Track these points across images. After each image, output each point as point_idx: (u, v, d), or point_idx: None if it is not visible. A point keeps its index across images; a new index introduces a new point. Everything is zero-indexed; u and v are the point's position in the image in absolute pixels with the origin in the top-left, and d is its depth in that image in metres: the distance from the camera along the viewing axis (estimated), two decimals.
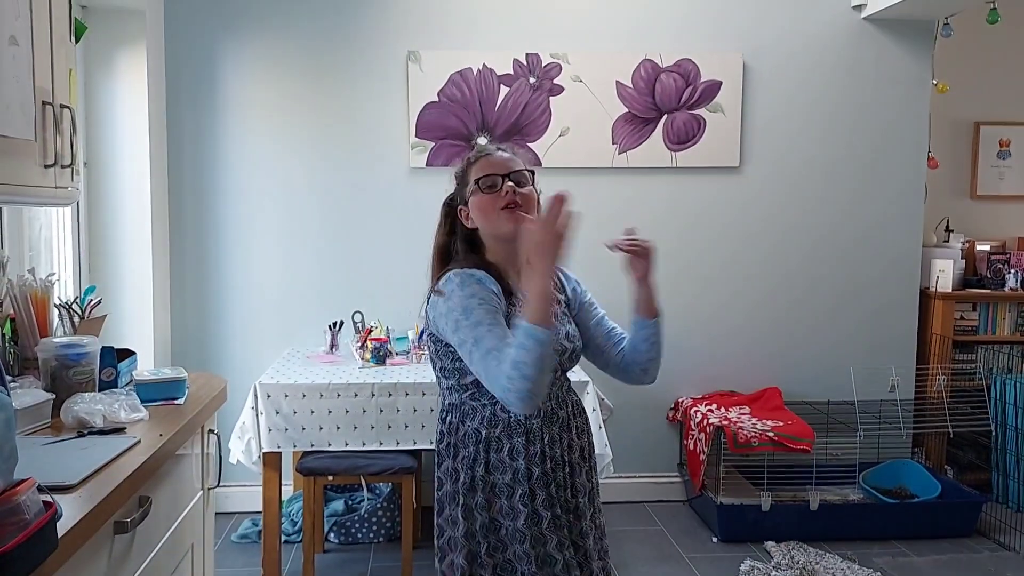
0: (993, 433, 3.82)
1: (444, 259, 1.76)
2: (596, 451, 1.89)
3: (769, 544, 3.37)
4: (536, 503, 1.63)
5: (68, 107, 1.90)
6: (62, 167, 1.87)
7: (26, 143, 1.71)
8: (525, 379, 1.43)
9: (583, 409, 1.81)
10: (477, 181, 1.68)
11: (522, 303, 1.53)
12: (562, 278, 1.81)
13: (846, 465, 3.70)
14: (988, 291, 4.03)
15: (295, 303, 3.72)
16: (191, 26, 3.57)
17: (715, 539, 3.48)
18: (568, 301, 1.81)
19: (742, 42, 3.79)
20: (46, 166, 1.80)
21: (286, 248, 3.71)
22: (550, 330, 1.44)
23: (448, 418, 1.70)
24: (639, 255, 1.73)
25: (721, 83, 3.76)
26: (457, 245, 1.74)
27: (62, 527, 1.21)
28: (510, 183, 1.65)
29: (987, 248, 4.20)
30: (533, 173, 1.72)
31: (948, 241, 4.20)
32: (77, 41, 2.58)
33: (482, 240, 1.71)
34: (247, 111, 3.64)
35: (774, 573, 3.05)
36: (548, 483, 1.64)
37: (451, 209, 1.76)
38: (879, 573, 3.15)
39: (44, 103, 1.78)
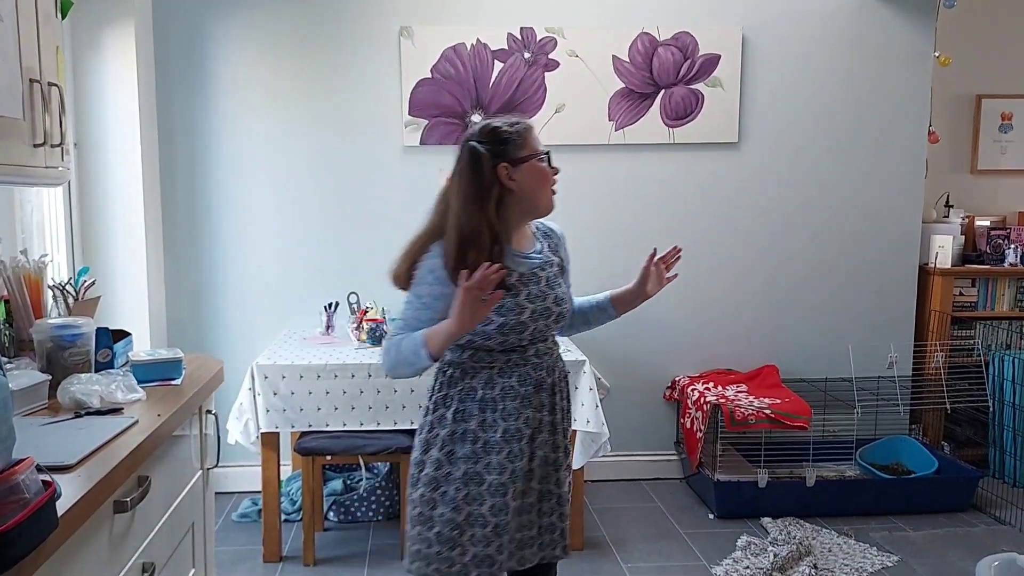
0: (991, 409, 3.83)
1: (485, 210, 1.81)
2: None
3: (766, 520, 3.39)
4: (519, 460, 1.84)
5: (56, 85, 1.87)
6: (52, 146, 1.84)
7: (14, 122, 1.69)
8: (390, 367, 1.82)
9: (567, 374, 1.99)
10: (545, 154, 1.84)
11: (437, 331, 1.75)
12: (557, 239, 1.98)
13: (843, 442, 3.71)
14: (987, 267, 4.02)
15: (290, 284, 3.71)
16: (180, 2, 3.52)
17: (712, 516, 3.50)
18: (562, 262, 1.97)
19: (741, 15, 3.75)
20: (35, 145, 1.78)
21: (280, 229, 3.69)
22: (430, 361, 1.76)
23: (448, 372, 1.88)
24: (663, 281, 1.97)
25: (720, 57, 3.72)
26: (480, 193, 1.80)
27: (62, 506, 1.21)
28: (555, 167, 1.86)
29: (987, 223, 4.19)
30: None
31: (948, 217, 4.18)
32: (63, 18, 2.55)
33: (506, 201, 1.81)
34: (238, 89, 3.60)
35: (771, 549, 3.07)
36: (532, 443, 1.86)
37: (479, 157, 1.79)
38: (875, 548, 3.17)
39: (32, 81, 1.75)
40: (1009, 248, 4.03)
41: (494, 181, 1.78)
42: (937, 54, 3.84)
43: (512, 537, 1.86)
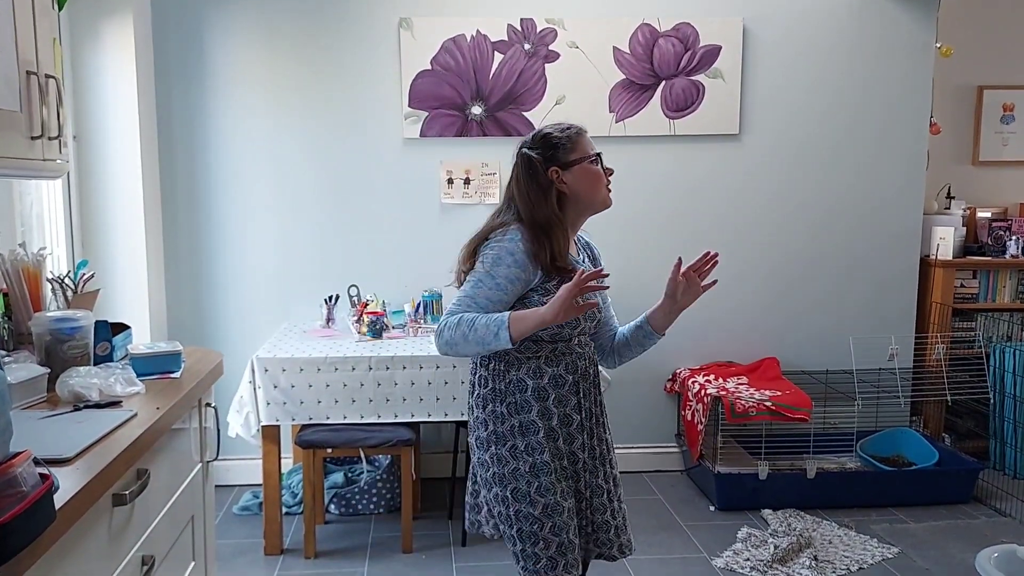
0: (992, 401, 3.83)
1: (544, 209, 1.90)
2: None
3: (766, 512, 3.39)
4: (572, 445, 1.90)
5: (53, 77, 1.86)
6: (49, 139, 1.84)
7: (11, 114, 1.68)
8: (450, 342, 1.80)
9: (599, 371, 2.04)
10: (596, 155, 1.93)
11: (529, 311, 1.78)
12: (594, 252, 2.10)
13: (844, 434, 3.71)
14: (989, 258, 4.01)
15: (290, 277, 3.70)
16: None
17: (713, 508, 3.50)
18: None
19: (742, 6, 3.73)
20: (33, 138, 1.77)
21: (280, 221, 3.68)
22: (508, 344, 1.75)
23: (491, 364, 1.89)
24: (698, 289, 2.01)
25: (721, 48, 3.71)
26: (542, 194, 1.90)
27: (60, 499, 1.21)
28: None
29: (988, 215, 4.18)
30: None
31: (949, 208, 4.17)
32: (60, 9, 2.54)
33: (562, 201, 1.91)
34: (237, 80, 3.59)
35: (771, 540, 3.08)
36: (582, 431, 1.91)
37: (532, 162, 1.91)
38: (876, 540, 3.17)
39: (29, 73, 1.74)
40: (1010, 240, 4.02)
41: (550, 184, 1.89)
42: (939, 45, 3.82)
43: (579, 526, 1.90)
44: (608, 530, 1.94)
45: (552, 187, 1.89)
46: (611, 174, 1.96)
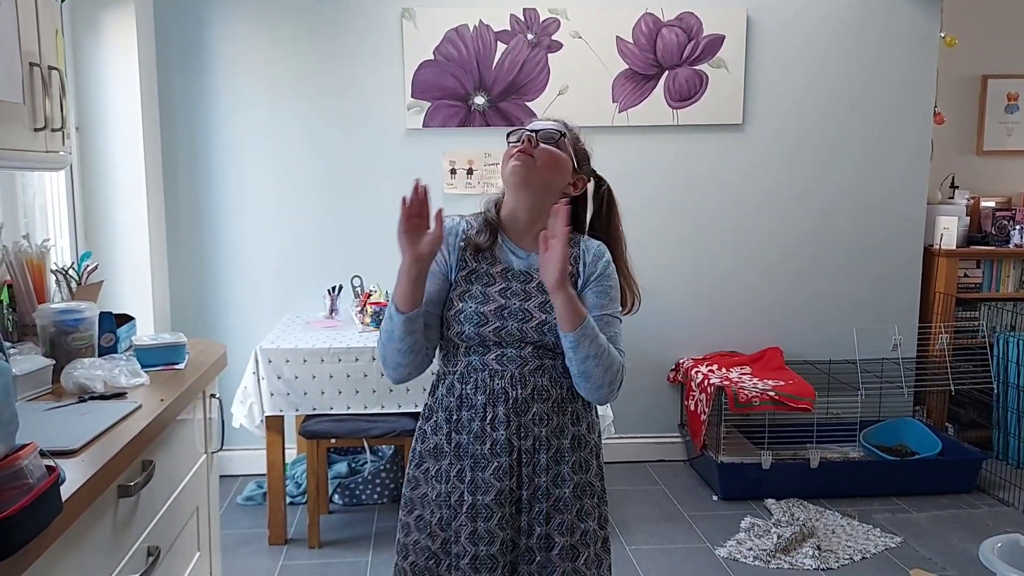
0: (995, 391, 3.82)
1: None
2: (582, 432, 1.65)
3: (769, 502, 3.40)
4: (464, 482, 1.58)
5: (56, 68, 1.86)
6: (52, 130, 1.84)
7: (14, 106, 1.68)
8: (379, 350, 1.62)
9: (551, 396, 1.60)
10: (508, 135, 1.69)
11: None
12: (584, 256, 1.64)
13: (847, 424, 3.71)
14: (992, 248, 4.01)
15: (293, 268, 3.70)
16: None
17: (716, 497, 3.51)
18: (576, 276, 1.64)
19: None
20: (36, 129, 1.77)
21: (283, 212, 3.68)
22: (398, 314, 1.53)
23: (433, 379, 1.71)
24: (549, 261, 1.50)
25: (724, 37, 3.69)
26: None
27: (66, 491, 1.21)
28: (530, 135, 1.63)
29: (992, 205, 4.16)
30: (562, 135, 1.67)
31: (953, 198, 4.16)
32: (62, 1, 2.53)
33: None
34: (239, 71, 3.58)
35: (774, 530, 3.08)
36: (484, 466, 1.57)
37: None
38: (879, 529, 3.18)
39: (31, 64, 1.74)
40: (1014, 229, 4.01)
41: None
42: (943, 34, 3.80)
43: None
44: None
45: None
46: (527, 144, 1.60)
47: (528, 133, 1.64)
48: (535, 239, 1.58)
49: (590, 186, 1.76)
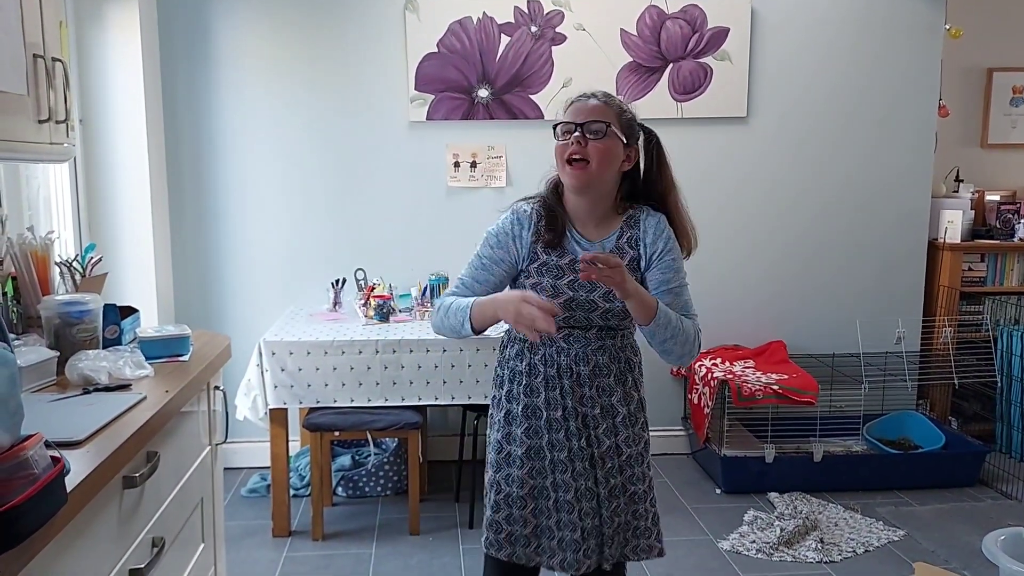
0: (998, 384, 3.82)
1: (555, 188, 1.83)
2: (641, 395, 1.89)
3: (772, 495, 3.40)
4: (539, 440, 1.79)
5: (60, 60, 1.86)
6: (56, 122, 1.84)
7: (19, 98, 1.68)
8: (436, 327, 1.82)
9: (611, 372, 1.80)
10: (555, 127, 1.75)
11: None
12: (639, 232, 1.78)
13: (850, 417, 3.71)
14: (997, 242, 3.99)
15: (296, 261, 3.71)
16: None
17: (719, 490, 3.51)
18: (639, 258, 1.78)
19: None
20: (40, 121, 1.77)
21: (286, 205, 3.68)
22: (472, 333, 1.74)
23: (502, 340, 1.88)
24: (600, 278, 1.60)
25: (728, 30, 3.68)
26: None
27: (71, 482, 1.21)
28: (578, 134, 1.70)
29: (997, 198, 4.15)
30: (608, 125, 1.73)
31: (957, 191, 4.15)
32: None
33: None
34: (243, 63, 3.57)
35: (777, 523, 3.09)
36: (557, 429, 1.77)
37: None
38: (881, 522, 3.18)
39: (35, 56, 1.74)
40: (1019, 223, 3.99)
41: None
42: (948, 26, 3.78)
43: (543, 533, 1.81)
44: (552, 537, 1.79)
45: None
46: (577, 146, 1.68)
47: (576, 136, 1.69)
48: (599, 223, 1.78)
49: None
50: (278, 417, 3.04)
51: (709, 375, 3.54)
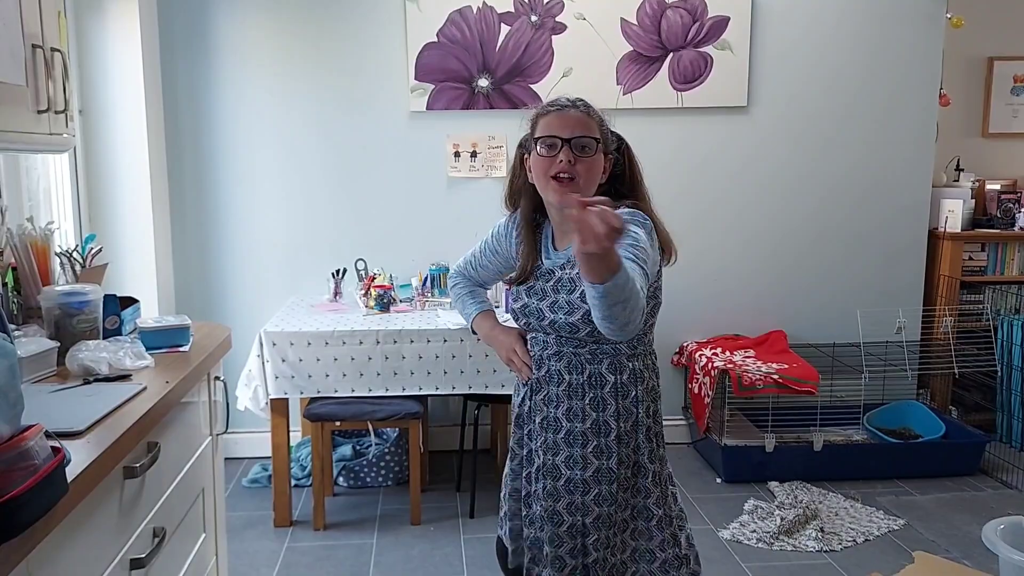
0: (999, 374, 3.82)
1: (513, 198, 1.82)
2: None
3: (773, 484, 3.41)
4: (512, 461, 1.89)
5: (59, 51, 1.85)
6: (56, 113, 1.83)
7: (18, 88, 1.67)
8: (453, 303, 2.00)
9: (608, 383, 1.81)
10: (537, 139, 1.65)
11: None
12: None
13: (851, 407, 3.71)
14: (997, 231, 3.99)
15: (297, 251, 3.70)
16: None
17: (719, 480, 3.52)
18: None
19: None
20: (39, 112, 1.77)
21: (287, 195, 3.68)
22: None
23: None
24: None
25: (729, 19, 3.66)
26: (521, 184, 1.79)
27: (71, 472, 1.21)
28: (566, 150, 1.62)
29: (997, 187, 4.14)
30: (598, 141, 1.66)
31: (958, 180, 4.14)
32: None
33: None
34: (243, 53, 3.56)
35: (778, 512, 3.09)
36: (557, 429, 1.80)
37: (523, 152, 1.77)
38: (882, 512, 3.19)
39: (34, 46, 1.73)
40: (1019, 212, 3.99)
41: (522, 168, 1.77)
42: (949, 15, 3.77)
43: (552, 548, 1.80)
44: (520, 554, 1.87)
45: (522, 177, 1.75)
46: (566, 164, 1.59)
47: (562, 151, 1.61)
48: (570, 230, 1.63)
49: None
50: (279, 407, 3.05)
51: (709, 365, 3.54)
